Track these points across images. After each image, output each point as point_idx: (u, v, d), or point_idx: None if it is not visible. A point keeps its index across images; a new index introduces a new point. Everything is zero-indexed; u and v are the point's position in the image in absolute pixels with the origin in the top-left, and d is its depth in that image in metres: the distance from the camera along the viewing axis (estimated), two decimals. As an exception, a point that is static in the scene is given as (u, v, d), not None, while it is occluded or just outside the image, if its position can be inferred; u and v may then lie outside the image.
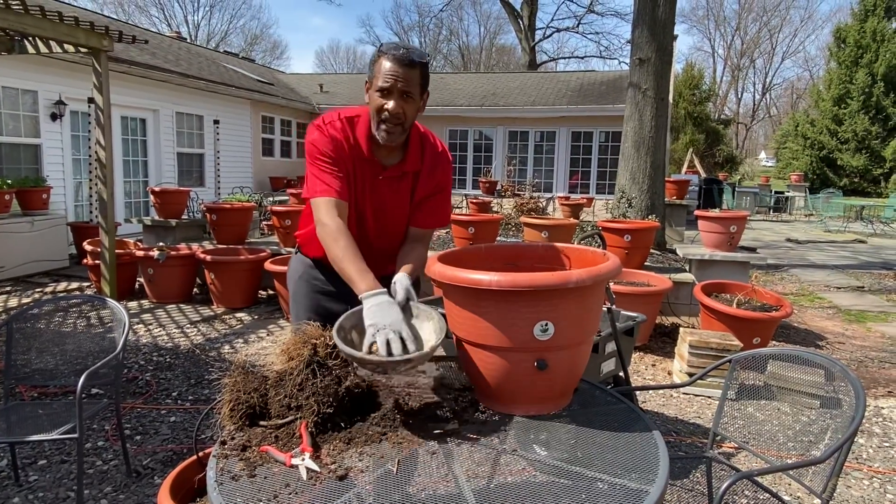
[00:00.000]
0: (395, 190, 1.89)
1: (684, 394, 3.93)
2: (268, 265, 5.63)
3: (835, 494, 2.73)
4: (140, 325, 5.22)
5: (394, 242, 1.96)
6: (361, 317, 1.47)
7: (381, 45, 1.74)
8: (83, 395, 2.23)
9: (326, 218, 1.73)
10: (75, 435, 2.23)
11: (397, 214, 1.93)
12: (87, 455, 2.92)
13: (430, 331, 1.50)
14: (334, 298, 2.02)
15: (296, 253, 2.17)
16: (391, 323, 1.44)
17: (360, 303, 1.97)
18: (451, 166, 1.98)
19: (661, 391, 3.95)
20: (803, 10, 51.61)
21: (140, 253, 5.99)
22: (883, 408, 3.80)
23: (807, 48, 61.70)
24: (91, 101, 5.62)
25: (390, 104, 1.70)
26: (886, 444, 3.30)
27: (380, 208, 1.90)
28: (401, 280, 1.62)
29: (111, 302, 2.69)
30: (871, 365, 4.63)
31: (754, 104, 45.78)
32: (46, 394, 3.62)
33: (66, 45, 5.37)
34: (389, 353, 1.37)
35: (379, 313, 1.46)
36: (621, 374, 2.86)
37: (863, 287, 7.66)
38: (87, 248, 6.18)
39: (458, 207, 11.38)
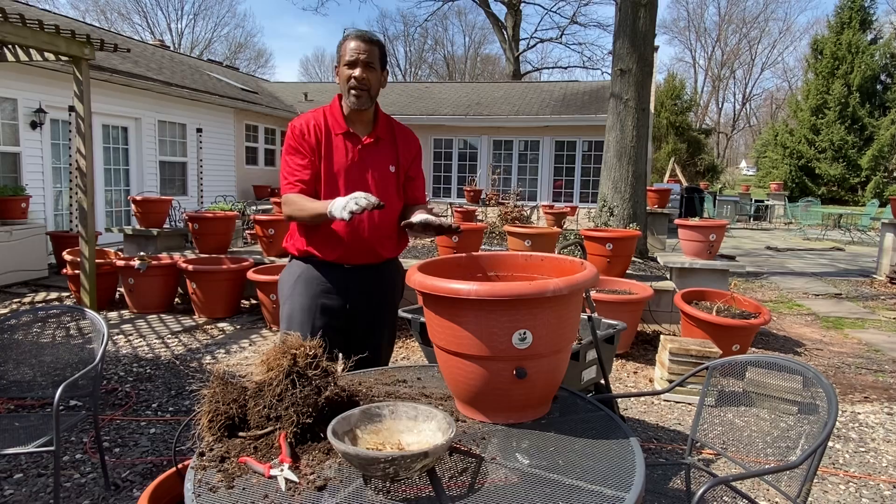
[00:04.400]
0: (377, 158, 2.18)
1: (665, 401, 3.96)
2: (251, 275, 5.60)
3: (812, 499, 2.77)
4: (120, 336, 5.16)
5: (384, 216, 2.16)
6: (353, 422, 1.33)
7: (345, 31, 2.11)
8: (61, 407, 2.20)
9: (285, 201, 2.12)
10: (52, 448, 2.20)
11: (383, 183, 2.18)
12: (64, 468, 2.87)
13: (433, 430, 1.33)
14: (332, 294, 2.19)
15: (290, 261, 2.30)
16: (354, 195, 1.81)
17: (355, 298, 2.21)
18: (417, 138, 2.35)
19: (642, 398, 3.99)
20: (782, 22, 52.49)
21: (120, 262, 5.92)
22: (859, 413, 3.86)
23: (785, 59, 62.82)
24: (72, 109, 5.57)
25: (357, 72, 2.06)
26: (862, 450, 3.35)
27: (363, 178, 2.15)
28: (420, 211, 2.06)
29: (90, 312, 2.67)
30: (848, 371, 4.71)
31: (735, 114, 46.56)
32: (23, 406, 3.56)
33: (46, 54, 5.32)
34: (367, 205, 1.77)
35: (342, 201, 1.81)
36: (602, 381, 2.88)
37: (840, 294, 7.79)
38: (67, 257, 6.11)
39: (442, 216, 11.40)
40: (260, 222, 6.29)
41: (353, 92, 2.08)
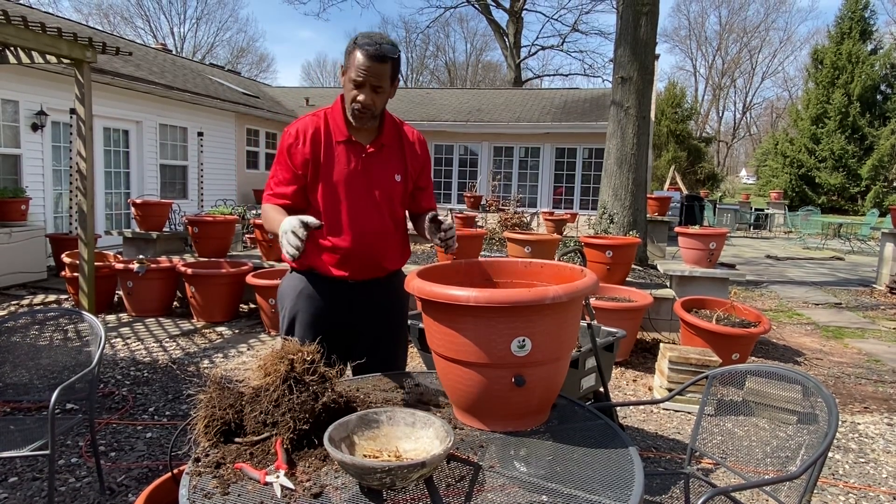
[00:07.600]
0: (382, 166, 2.03)
1: (664, 409, 3.95)
2: (250, 279, 5.59)
3: (811, 510, 2.75)
4: (118, 339, 5.14)
5: (388, 228, 2.06)
6: (350, 428, 1.33)
7: (357, 37, 1.87)
8: (57, 411, 2.19)
9: (262, 209, 2.03)
10: (47, 451, 2.19)
11: (387, 193, 2.04)
12: (59, 472, 2.86)
13: (431, 437, 1.32)
14: (336, 311, 2.07)
15: (290, 272, 2.17)
16: (285, 231, 1.63)
17: (360, 312, 2.10)
18: (426, 142, 2.19)
19: (641, 407, 3.97)
20: (782, 32, 52.61)
21: (119, 266, 5.91)
22: (859, 424, 3.84)
23: (786, 69, 62.82)
24: (73, 111, 5.58)
25: (362, 96, 1.88)
26: (862, 460, 3.33)
27: (366, 188, 2.01)
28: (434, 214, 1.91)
29: (88, 315, 2.66)
30: (848, 381, 4.69)
31: (735, 123, 46.60)
32: (20, 409, 3.54)
33: (48, 56, 5.33)
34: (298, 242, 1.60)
35: (284, 231, 1.65)
36: (601, 389, 2.87)
37: (840, 304, 7.77)
38: (66, 260, 6.10)
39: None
40: (260, 226, 6.29)
41: (356, 112, 1.91)
